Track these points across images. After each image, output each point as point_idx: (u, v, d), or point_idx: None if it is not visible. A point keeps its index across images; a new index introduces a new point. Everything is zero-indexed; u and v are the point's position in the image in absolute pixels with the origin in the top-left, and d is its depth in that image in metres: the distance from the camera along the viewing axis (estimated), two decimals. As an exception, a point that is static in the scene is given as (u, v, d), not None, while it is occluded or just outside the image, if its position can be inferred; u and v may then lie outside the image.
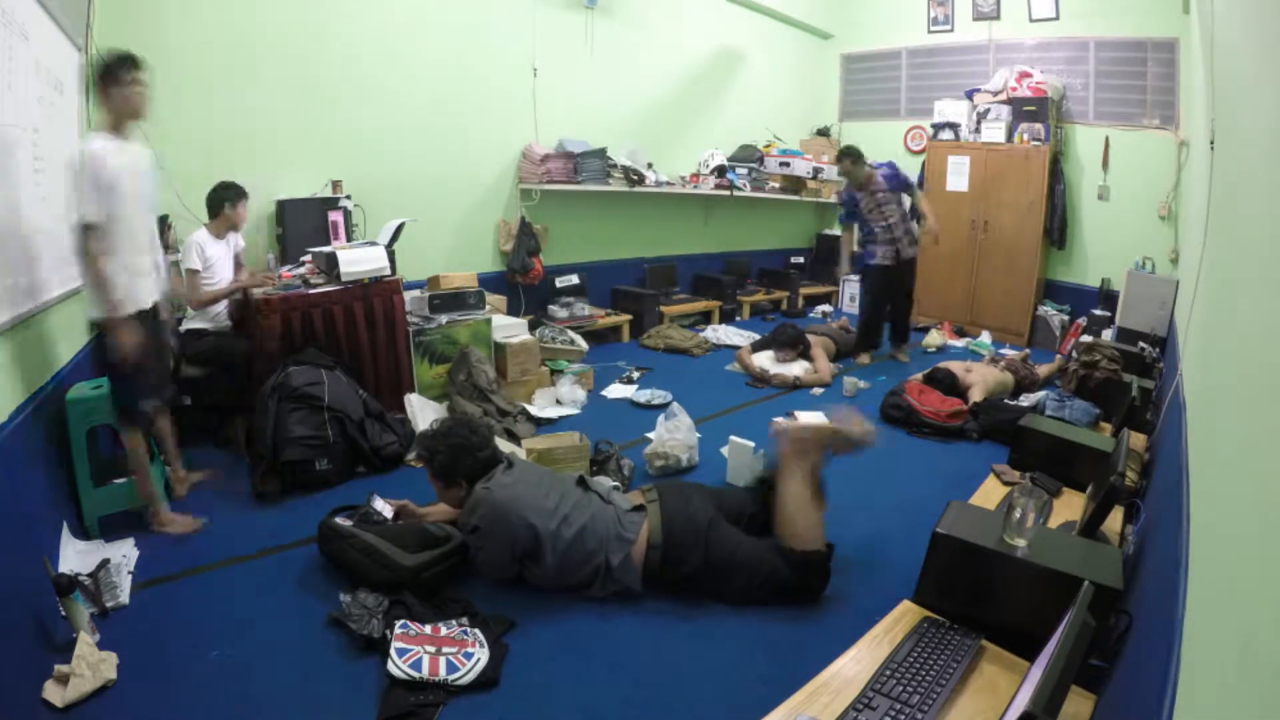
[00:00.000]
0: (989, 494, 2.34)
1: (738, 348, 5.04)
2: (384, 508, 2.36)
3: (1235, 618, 0.78)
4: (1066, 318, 5.78)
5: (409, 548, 2.14)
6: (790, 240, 7.46)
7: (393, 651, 1.77)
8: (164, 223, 3.34)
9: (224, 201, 3.15)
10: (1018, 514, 1.52)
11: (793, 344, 4.53)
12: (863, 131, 7.21)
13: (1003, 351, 5.20)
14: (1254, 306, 1.12)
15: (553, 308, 4.98)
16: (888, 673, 1.35)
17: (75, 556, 2.10)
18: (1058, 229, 5.71)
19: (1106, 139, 5.53)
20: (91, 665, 1.70)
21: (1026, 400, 3.96)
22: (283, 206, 3.65)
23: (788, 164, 6.50)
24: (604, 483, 2.50)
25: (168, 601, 2.07)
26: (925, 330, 5.86)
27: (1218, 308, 1.72)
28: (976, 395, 3.84)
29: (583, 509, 2.15)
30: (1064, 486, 2.36)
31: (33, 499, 2.01)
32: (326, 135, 3.93)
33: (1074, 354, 4.02)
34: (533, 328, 4.34)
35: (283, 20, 3.68)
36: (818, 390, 4.31)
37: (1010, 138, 5.72)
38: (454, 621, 1.94)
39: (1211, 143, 2.35)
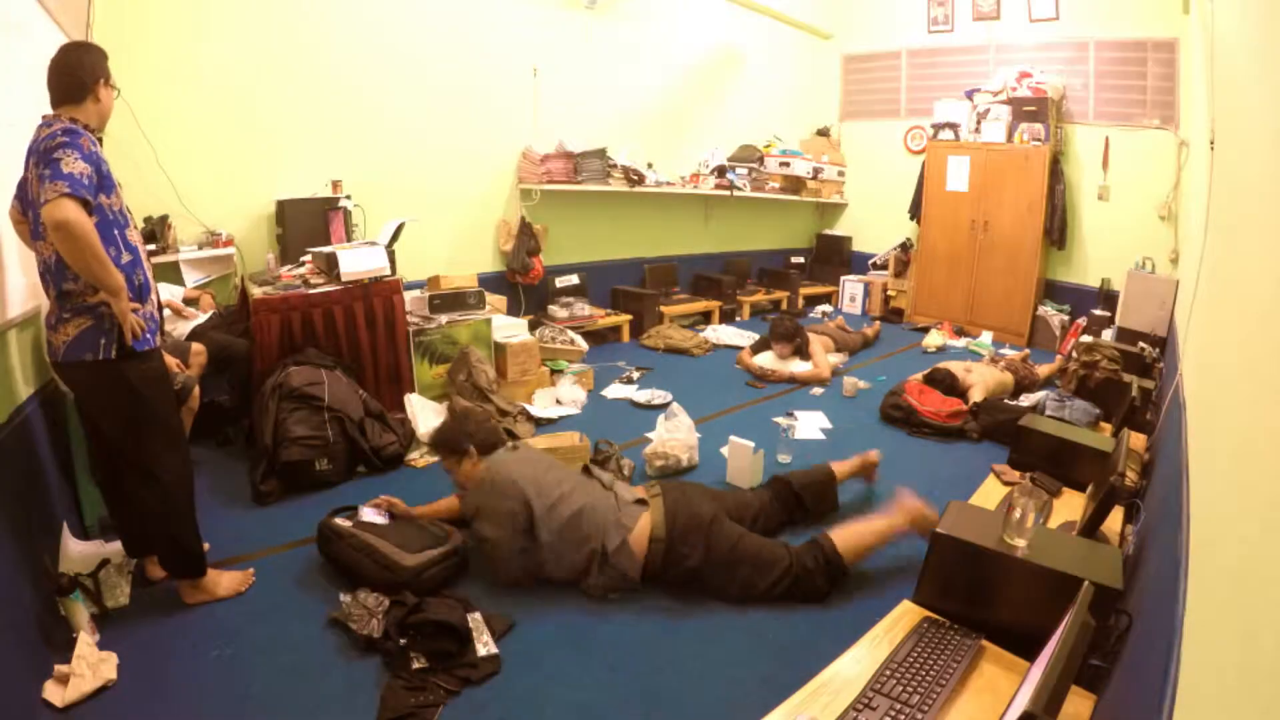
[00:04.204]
0: (989, 494, 2.34)
1: (738, 348, 5.04)
2: (373, 515, 2.35)
3: (1235, 618, 0.78)
4: (1066, 318, 5.77)
5: (409, 548, 2.14)
6: (790, 240, 7.46)
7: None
8: (164, 222, 3.35)
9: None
10: (1018, 514, 1.52)
11: (789, 336, 4.53)
12: (863, 131, 7.21)
13: (1003, 351, 5.19)
14: (1254, 306, 1.12)
15: (553, 308, 4.97)
16: (888, 673, 1.35)
17: (75, 556, 2.10)
18: (1058, 229, 5.70)
19: (1106, 139, 5.53)
20: (91, 665, 1.70)
21: (1026, 400, 3.96)
22: (282, 206, 3.65)
23: (788, 164, 6.50)
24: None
25: (168, 601, 2.07)
26: (925, 330, 5.87)
27: (1218, 308, 1.72)
28: (976, 395, 3.84)
29: (583, 492, 2.21)
30: (1064, 486, 2.36)
31: (33, 499, 2.01)
32: (326, 135, 3.93)
33: (1074, 354, 4.02)
34: (533, 328, 4.34)
35: (282, 20, 3.68)
36: (818, 390, 4.31)
37: (1010, 138, 5.71)
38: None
39: (1211, 143, 2.36)
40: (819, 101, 7.34)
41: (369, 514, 2.34)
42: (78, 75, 1.81)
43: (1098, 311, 5.48)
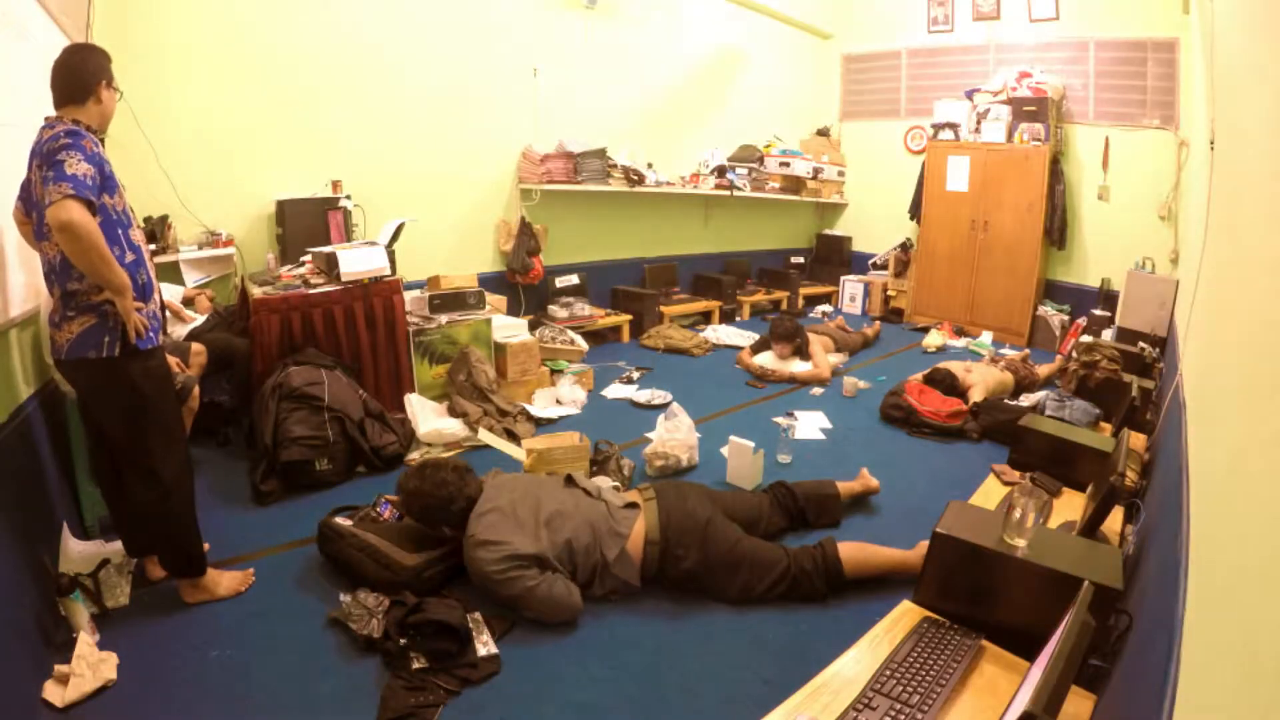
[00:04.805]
0: (989, 494, 2.34)
1: (738, 348, 5.04)
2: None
3: (1235, 618, 0.78)
4: (1066, 318, 5.77)
5: (409, 548, 2.14)
6: (790, 240, 7.46)
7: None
8: (164, 222, 3.35)
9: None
10: (1018, 514, 1.52)
11: (789, 336, 4.53)
12: (863, 131, 7.21)
13: (1003, 351, 5.19)
14: (1254, 306, 1.12)
15: (553, 308, 4.97)
16: (888, 673, 1.35)
17: (75, 556, 2.10)
18: (1058, 229, 5.70)
19: (1106, 139, 5.53)
20: (91, 665, 1.70)
21: (1026, 400, 3.96)
22: (283, 206, 3.65)
23: (788, 164, 6.50)
24: (604, 482, 2.50)
25: (168, 601, 2.07)
26: (925, 330, 5.87)
27: (1218, 308, 1.72)
28: (976, 395, 3.84)
29: (567, 514, 2.12)
30: (1064, 486, 2.36)
31: (33, 499, 2.01)
32: (326, 135, 3.93)
33: (1074, 354, 4.02)
34: (533, 328, 4.33)
35: (282, 20, 3.68)
36: (818, 390, 4.31)
37: (1010, 138, 5.71)
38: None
39: (1211, 143, 2.36)
40: (819, 101, 7.34)
41: (386, 508, 2.34)
42: (80, 76, 1.82)
43: (1098, 311, 5.48)
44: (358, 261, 3.32)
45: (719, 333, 5.51)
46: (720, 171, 5.99)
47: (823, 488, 2.62)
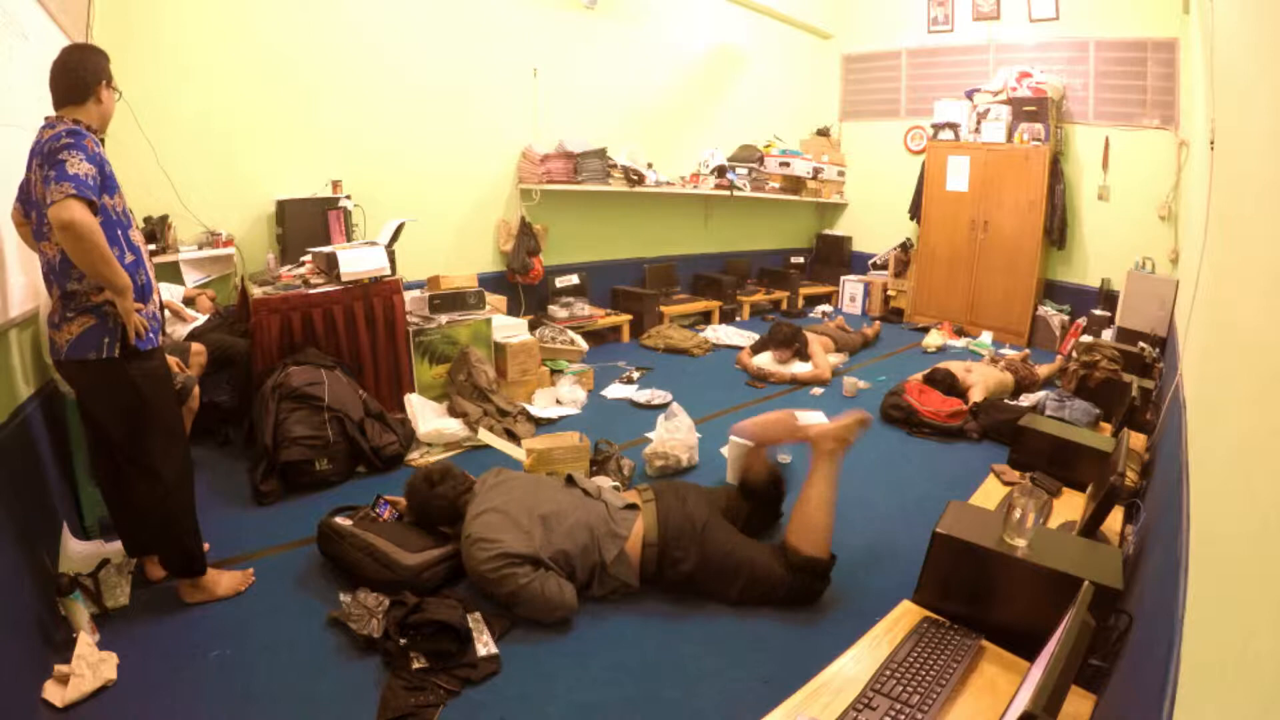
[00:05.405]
0: (989, 494, 2.34)
1: (738, 348, 5.04)
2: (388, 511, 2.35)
3: (1235, 618, 0.78)
4: (1066, 318, 5.77)
5: (409, 548, 2.14)
6: (790, 240, 7.46)
7: None
8: (164, 222, 3.35)
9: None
10: (1018, 514, 1.52)
11: (788, 342, 4.52)
12: (863, 131, 7.21)
13: (1003, 351, 5.19)
14: (1254, 306, 1.12)
15: (553, 308, 4.97)
16: (888, 673, 1.35)
17: (75, 556, 2.10)
18: (1058, 229, 5.70)
19: (1106, 139, 5.53)
20: (91, 665, 1.70)
21: (1026, 400, 3.96)
22: (283, 206, 3.65)
23: (788, 164, 6.50)
24: (604, 482, 2.49)
25: (168, 601, 2.07)
26: (925, 330, 5.87)
27: (1218, 307, 1.72)
28: (976, 395, 3.84)
29: (565, 514, 2.13)
30: (1064, 486, 2.36)
31: (33, 499, 2.01)
32: (327, 135, 3.93)
33: (1074, 354, 4.02)
34: (533, 328, 4.33)
35: (282, 20, 3.68)
36: (818, 390, 4.31)
37: (1010, 138, 5.71)
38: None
39: (1211, 143, 2.36)
40: (819, 101, 7.34)
41: (385, 509, 2.34)
42: (80, 76, 1.81)
43: (1098, 311, 5.48)
44: (358, 261, 3.32)
45: (719, 333, 5.51)
46: (720, 171, 5.99)
47: (757, 475, 2.48)
